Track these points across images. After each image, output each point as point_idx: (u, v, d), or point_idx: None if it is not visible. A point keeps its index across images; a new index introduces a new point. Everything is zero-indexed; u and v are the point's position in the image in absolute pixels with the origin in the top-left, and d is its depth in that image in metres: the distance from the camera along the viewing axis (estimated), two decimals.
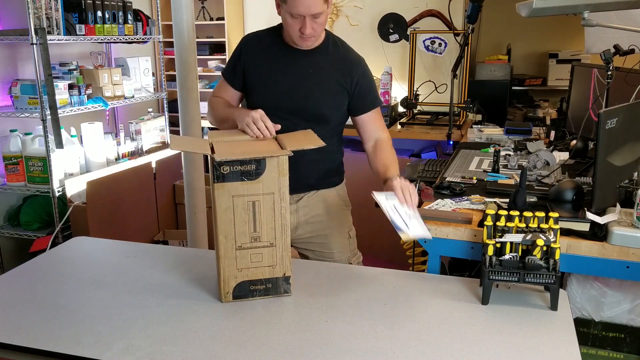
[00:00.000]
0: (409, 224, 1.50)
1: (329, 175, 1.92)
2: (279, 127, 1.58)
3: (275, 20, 1.76)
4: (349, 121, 1.92)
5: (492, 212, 1.58)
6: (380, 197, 1.54)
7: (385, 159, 1.77)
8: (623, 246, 1.60)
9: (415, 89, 4.05)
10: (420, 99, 4.08)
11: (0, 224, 3.20)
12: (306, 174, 1.85)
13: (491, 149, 2.69)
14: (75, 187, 3.04)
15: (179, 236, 3.50)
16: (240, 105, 1.90)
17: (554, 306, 1.41)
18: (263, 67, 1.79)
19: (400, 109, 4.19)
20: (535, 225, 1.50)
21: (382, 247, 2.90)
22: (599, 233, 1.65)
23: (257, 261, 1.44)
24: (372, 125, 1.86)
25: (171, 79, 4.28)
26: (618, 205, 1.72)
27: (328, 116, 1.81)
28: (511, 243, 1.45)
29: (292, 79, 1.78)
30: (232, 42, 4.70)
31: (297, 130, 1.70)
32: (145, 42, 3.75)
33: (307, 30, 1.65)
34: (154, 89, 3.98)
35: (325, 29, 1.81)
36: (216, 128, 1.82)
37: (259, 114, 1.57)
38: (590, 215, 1.67)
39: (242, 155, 1.37)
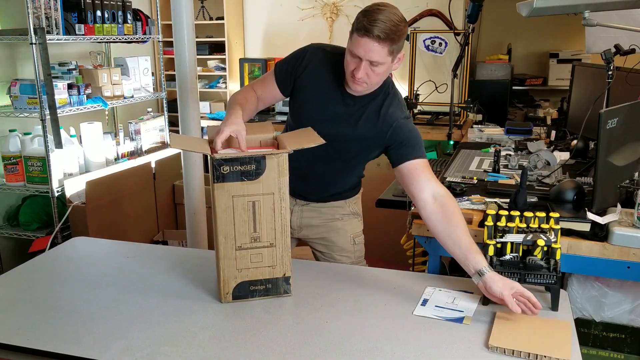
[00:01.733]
0: None
1: (341, 192, 1.91)
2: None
3: (274, 20, 1.75)
4: None
5: (493, 212, 1.57)
6: None
7: (466, 234, 1.48)
8: (624, 246, 1.60)
9: (415, 88, 4.05)
10: (421, 98, 4.08)
11: (0, 224, 3.20)
12: (319, 193, 1.86)
13: (492, 149, 2.69)
14: (74, 187, 3.03)
15: (179, 236, 3.50)
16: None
17: (554, 306, 1.41)
18: (312, 90, 1.70)
19: None
20: (535, 226, 1.50)
21: (382, 247, 2.90)
22: (599, 233, 1.65)
23: (257, 261, 1.43)
24: (421, 174, 1.60)
25: (171, 78, 4.27)
26: (619, 206, 1.72)
27: (354, 161, 1.79)
28: (512, 243, 1.45)
29: (332, 119, 1.69)
30: (231, 41, 4.70)
31: (318, 162, 1.71)
32: (145, 41, 3.74)
33: (359, 74, 1.53)
34: (154, 88, 3.97)
35: (388, 80, 1.70)
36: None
37: (229, 128, 1.45)
38: (591, 216, 1.67)
39: (241, 154, 1.37)
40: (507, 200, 1.88)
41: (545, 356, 1.19)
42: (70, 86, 3.12)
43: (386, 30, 1.47)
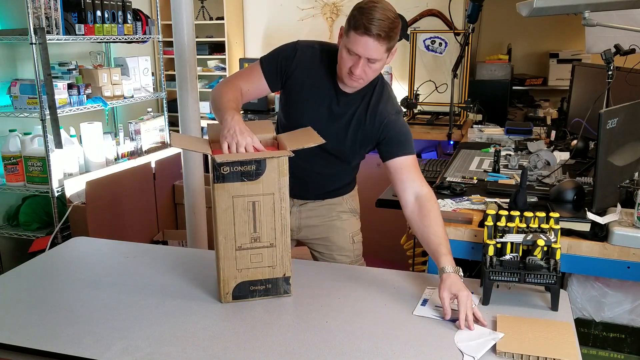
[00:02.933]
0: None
1: (337, 189, 1.91)
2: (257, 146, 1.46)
3: (274, 20, 1.75)
4: None
5: (493, 212, 1.57)
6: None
7: (436, 235, 1.52)
8: (624, 246, 1.60)
9: (415, 88, 4.05)
10: (421, 98, 4.08)
11: (0, 224, 3.20)
12: (314, 190, 1.87)
13: (492, 149, 2.69)
14: (74, 187, 3.03)
15: (179, 236, 3.50)
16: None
17: (554, 306, 1.41)
18: (305, 89, 1.70)
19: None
20: (535, 226, 1.50)
21: (382, 247, 2.90)
22: (599, 233, 1.65)
23: (257, 262, 1.43)
24: (406, 173, 1.64)
25: (171, 78, 4.28)
26: (619, 206, 1.72)
27: (350, 159, 1.79)
28: (512, 243, 1.44)
29: (325, 115, 1.70)
30: (231, 41, 4.70)
31: (315, 159, 1.71)
32: (145, 41, 3.74)
33: (357, 71, 1.54)
34: (154, 88, 3.97)
35: (379, 75, 1.72)
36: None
37: (245, 140, 1.42)
38: (591, 216, 1.67)
39: (242, 156, 1.37)
40: (507, 200, 1.88)
41: (554, 359, 1.19)
42: (70, 86, 3.12)
43: (385, 28, 1.48)
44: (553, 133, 2.95)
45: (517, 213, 1.56)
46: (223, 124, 1.47)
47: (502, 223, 1.51)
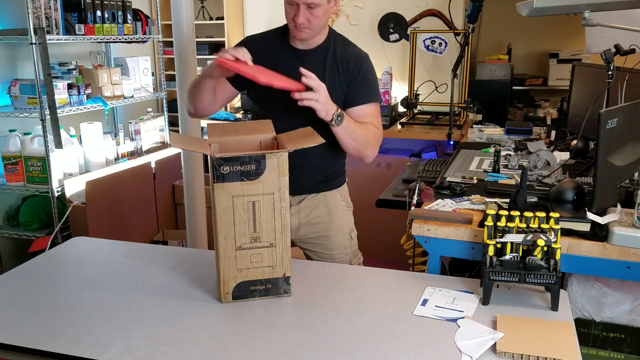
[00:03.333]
0: None
1: (331, 177, 1.92)
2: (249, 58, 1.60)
3: (274, 20, 1.76)
4: None
5: (493, 212, 1.57)
6: None
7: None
8: (624, 246, 1.60)
9: (415, 88, 4.05)
10: (421, 98, 4.08)
11: (0, 224, 3.20)
12: (308, 177, 1.85)
13: (492, 149, 2.69)
14: (74, 187, 3.03)
15: (179, 236, 3.50)
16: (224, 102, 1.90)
17: (554, 306, 1.40)
18: (267, 67, 1.75)
19: (401, 109, 4.19)
20: (535, 226, 1.50)
21: (382, 247, 2.90)
22: (599, 233, 1.65)
23: (257, 261, 1.43)
24: (366, 119, 1.77)
25: (171, 78, 4.28)
26: (619, 206, 1.72)
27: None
28: (512, 243, 1.44)
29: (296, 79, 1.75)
30: (231, 41, 4.70)
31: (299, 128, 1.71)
32: (145, 41, 3.74)
33: (300, 19, 1.64)
34: (154, 88, 3.97)
35: (331, 28, 1.81)
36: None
37: (238, 49, 1.58)
38: (591, 216, 1.67)
39: (241, 152, 1.37)
40: (507, 200, 1.88)
41: (554, 359, 1.19)
42: (70, 86, 3.12)
43: None
44: (553, 133, 2.95)
45: (517, 213, 1.56)
46: (209, 67, 1.64)
47: (502, 223, 1.51)
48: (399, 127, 3.83)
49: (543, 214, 1.52)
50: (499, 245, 1.45)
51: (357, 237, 2.01)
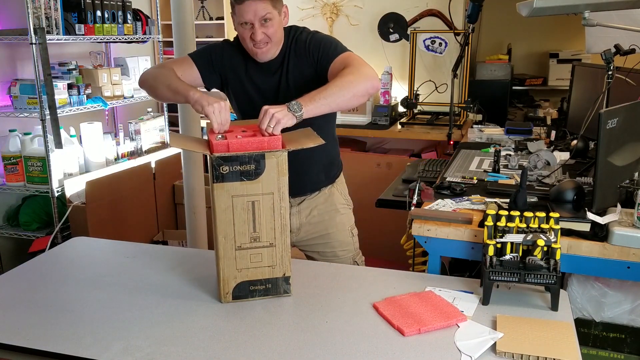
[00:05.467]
0: None
1: (328, 169, 1.92)
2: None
3: None
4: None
5: (493, 212, 1.57)
6: None
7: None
8: (624, 246, 1.60)
9: (415, 88, 4.05)
10: (421, 98, 4.08)
11: (0, 224, 3.20)
12: (304, 171, 1.83)
13: (492, 149, 2.68)
14: (74, 187, 3.03)
15: (179, 236, 3.50)
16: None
17: (554, 307, 1.40)
18: (241, 79, 1.78)
19: (401, 109, 4.19)
20: (535, 226, 1.50)
21: (382, 247, 2.90)
22: (599, 233, 1.65)
23: (256, 261, 1.43)
24: (339, 67, 1.63)
25: None
26: (619, 206, 1.72)
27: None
28: (512, 243, 1.44)
29: (268, 95, 1.75)
30: None
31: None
32: (145, 41, 3.74)
33: (258, 36, 1.63)
34: None
35: (289, 29, 1.79)
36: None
37: (225, 106, 1.47)
38: (590, 216, 1.67)
39: (240, 151, 1.36)
40: (507, 200, 1.88)
41: (554, 359, 1.19)
42: (70, 86, 3.12)
43: None
44: (553, 133, 2.95)
45: (517, 213, 1.56)
46: (200, 100, 1.48)
47: (502, 223, 1.51)
48: (399, 127, 3.83)
49: (543, 214, 1.53)
50: (499, 245, 1.45)
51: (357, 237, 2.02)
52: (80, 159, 3.25)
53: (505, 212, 1.55)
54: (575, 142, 2.52)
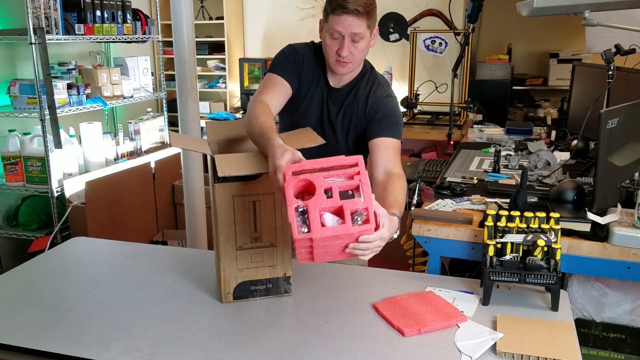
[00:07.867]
0: None
1: None
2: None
3: (274, 20, 1.75)
4: None
5: (493, 212, 1.57)
6: None
7: (395, 197, 1.47)
8: (624, 247, 1.60)
9: (415, 88, 4.05)
10: (421, 98, 4.08)
11: None
12: None
13: (492, 149, 2.69)
14: (74, 187, 3.03)
15: (178, 236, 3.50)
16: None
17: (554, 307, 1.40)
18: (305, 90, 1.71)
19: (401, 109, 4.19)
20: (536, 226, 1.50)
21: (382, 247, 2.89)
22: (600, 233, 1.65)
23: (257, 261, 1.43)
24: (384, 153, 1.60)
25: (170, 78, 4.27)
26: (619, 206, 1.72)
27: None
28: (512, 243, 1.44)
29: (322, 116, 1.73)
30: (231, 41, 4.70)
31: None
32: (144, 41, 3.74)
33: (344, 52, 1.56)
34: (153, 88, 3.97)
35: (367, 67, 1.74)
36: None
37: (288, 170, 1.26)
38: (591, 216, 1.67)
39: (244, 170, 1.34)
40: (507, 200, 1.88)
41: (554, 359, 1.19)
42: (69, 86, 3.12)
43: (361, 3, 1.52)
44: (553, 133, 2.95)
45: (517, 213, 1.56)
46: (271, 157, 1.30)
47: (502, 223, 1.51)
48: None
49: (543, 214, 1.52)
50: (499, 246, 1.45)
51: None
52: (80, 159, 3.25)
53: (506, 212, 1.55)
54: (575, 142, 2.52)
